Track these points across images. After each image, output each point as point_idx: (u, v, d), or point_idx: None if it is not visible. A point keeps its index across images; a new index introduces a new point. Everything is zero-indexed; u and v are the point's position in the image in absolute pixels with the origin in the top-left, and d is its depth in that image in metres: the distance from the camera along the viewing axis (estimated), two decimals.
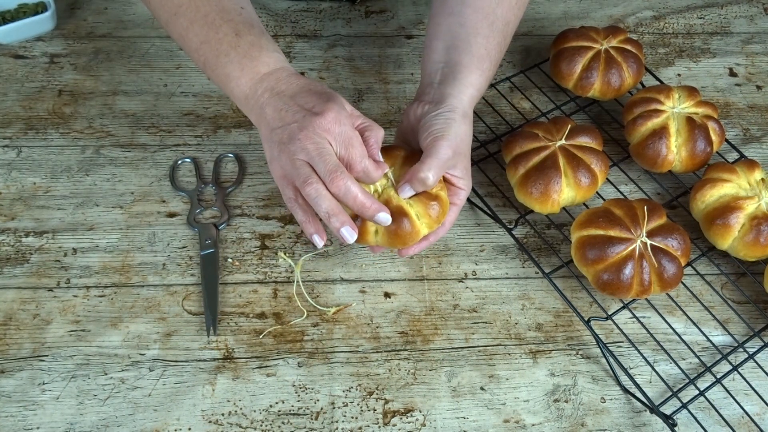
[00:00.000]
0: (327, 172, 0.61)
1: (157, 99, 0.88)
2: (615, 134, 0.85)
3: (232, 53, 0.65)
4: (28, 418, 0.64)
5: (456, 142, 0.66)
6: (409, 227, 0.65)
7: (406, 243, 0.66)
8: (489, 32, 0.71)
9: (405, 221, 0.65)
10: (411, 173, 0.65)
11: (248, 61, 0.65)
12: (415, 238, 0.66)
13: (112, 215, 0.78)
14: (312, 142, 0.61)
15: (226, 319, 0.71)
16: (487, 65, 0.71)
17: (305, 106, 0.62)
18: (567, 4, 1.03)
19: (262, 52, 0.66)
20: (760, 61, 0.96)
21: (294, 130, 0.61)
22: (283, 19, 0.98)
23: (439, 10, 0.74)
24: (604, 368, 0.69)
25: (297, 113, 0.62)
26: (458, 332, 0.71)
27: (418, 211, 0.66)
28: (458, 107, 0.68)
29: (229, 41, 0.66)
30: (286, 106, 0.63)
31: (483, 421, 0.66)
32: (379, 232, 0.66)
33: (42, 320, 0.70)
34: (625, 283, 0.66)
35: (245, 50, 0.65)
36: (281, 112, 0.63)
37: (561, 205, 0.74)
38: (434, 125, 0.66)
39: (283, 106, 0.63)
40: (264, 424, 0.65)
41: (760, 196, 0.72)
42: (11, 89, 0.88)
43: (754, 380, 0.67)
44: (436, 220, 0.67)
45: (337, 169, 0.61)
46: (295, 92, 0.64)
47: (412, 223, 0.65)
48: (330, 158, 0.61)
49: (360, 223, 0.65)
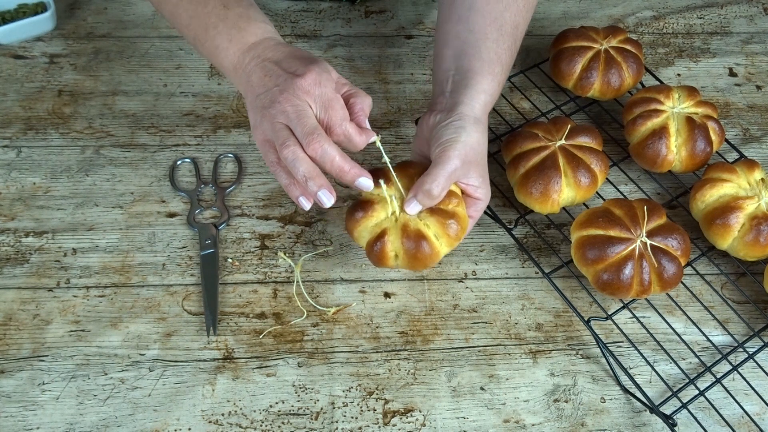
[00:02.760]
0: (304, 134, 0.60)
1: (157, 99, 0.88)
2: (615, 134, 0.85)
3: (220, 25, 0.65)
4: (28, 419, 0.64)
5: (465, 150, 0.65)
6: (428, 250, 0.65)
7: (427, 265, 0.66)
8: (498, 36, 0.71)
9: (424, 244, 0.64)
10: (416, 186, 0.64)
11: (236, 32, 0.65)
12: (435, 259, 0.66)
13: (111, 215, 0.78)
14: (291, 104, 0.60)
15: (226, 319, 0.71)
16: (498, 69, 0.70)
17: (288, 70, 0.62)
18: (567, 4, 1.03)
19: (250, 23, 0.66)
20: (759, 61, 0.96)
21: (275, 93, 0.61)
22: (282, 19, 0.98)
23: (446, 18, 0.73)
24: (604, 368, 0.69)
25: (279, 77, 0.61)
26: (458, 332, 0.71)
27: (437, 231, 0.65)
28: (469, 114, 0.67)
29: (217, 14, 0.66)
30: (270, 72, 0.62)
31: (483, 421, 0.66)
32: (399, 257, 0.66)
33: (42, 320, 0.70)
34: (625, 283, 0.66)
35: (233, 21, 0.65)
36: (265, 78, 0.62)
37: (561, 205, 0.74)
38: (443, 135, 0.65)
39: (268, 71, 0.62)
40: (264, 424, 0.65)
41: (759, 196, 0.72)
42: (11, 89, 0.88)
43: (754, 380, 0.67)
44: (455, 238, 0.66)
45: (314, 131, 0.59)
46: (281, 58, 0.63)
47: (431, 245, 0.65)
48: (308, 120, 0.60)
49: (380, 247, 0.65)
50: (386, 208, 0.66)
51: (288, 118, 0.60)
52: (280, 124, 0.61)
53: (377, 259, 0.66)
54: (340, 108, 0.61)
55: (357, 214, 0.66)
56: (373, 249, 0.65)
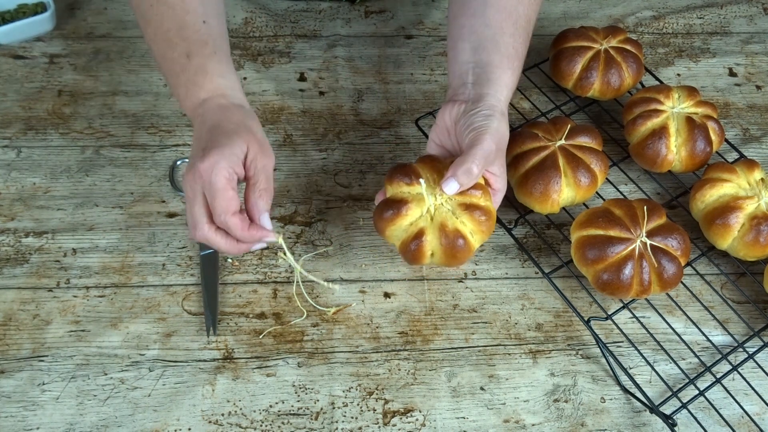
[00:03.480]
0: (190, 223, 0.63)
1: (157, 99, 0.88)
2: (615, 134, 0.85)
3: (182, 76, 0.66)
4: (27, 419, 0.64)
5: (498, 137, 0.66)
6: (464, 245, 0.65)
7: (462, 261, 0.67)
8: (514, 31, 0.71)
9: (461, 242, 0.65)
10: (454, 167, 0.64)
11: (192, 86, 0.66)
12: (469, 255, 0.67)
13: (111, 215, 0.78)
14: (189, 187, 0.62)
15: (226, 320, 0.71)
16: (516, 64, 0.72)
17: (202, 144, 0.62)
18: (567, 4, 1.03)
19: (206, 78, 0.66)
20: (759, 61, 0.96)
21: (187, 169, 0.62)
22: (282, 19, 0.98)
23: (459, 12, 0.73)
24: (604, 368, 0.69)
25: (197, 148, 0.63)
26: (458, 332, 0.71)
27: (472, 228, 0.66)
28: (497, 106, 0.68)
29: (181, 63, 0.66)
30: (197, 138, 0.64)
31: (483, 421, 0.66)
32: (435, 254, 0.66)
33: (42, 320, 0.70)
34: (625, 283, 0.66)
35: (191, 75, 0.66)
36: (195, 137, 0.64)
37: (561, 205, 0.74)
38: (475, 121, 0.66)
39: (198, 133, 0.64)
40: (264, 424, 0.65)
41: (759, 196, 0.72)
42: (11, 89, 0.88)
43: (754, 380, 0.67)
44: (488, 233, 0.67)
45: (195, 224, 0.62)
46: (211, 125, 0.64)
47: (468, 243, 0.66)
48: (193, 210, 0.62)
49: (418, 246, 0.65)
50: (421, 206, 0.66)
51: (186, 198, 0.63)
52: (185, 191, 0.63)
53: (413, 258, 0.66)
54: (224, 200, 0.60)
55: (388, 213, 0.66)
56: (410, 248, 0.66)
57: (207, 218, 0.61)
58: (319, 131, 0.86)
